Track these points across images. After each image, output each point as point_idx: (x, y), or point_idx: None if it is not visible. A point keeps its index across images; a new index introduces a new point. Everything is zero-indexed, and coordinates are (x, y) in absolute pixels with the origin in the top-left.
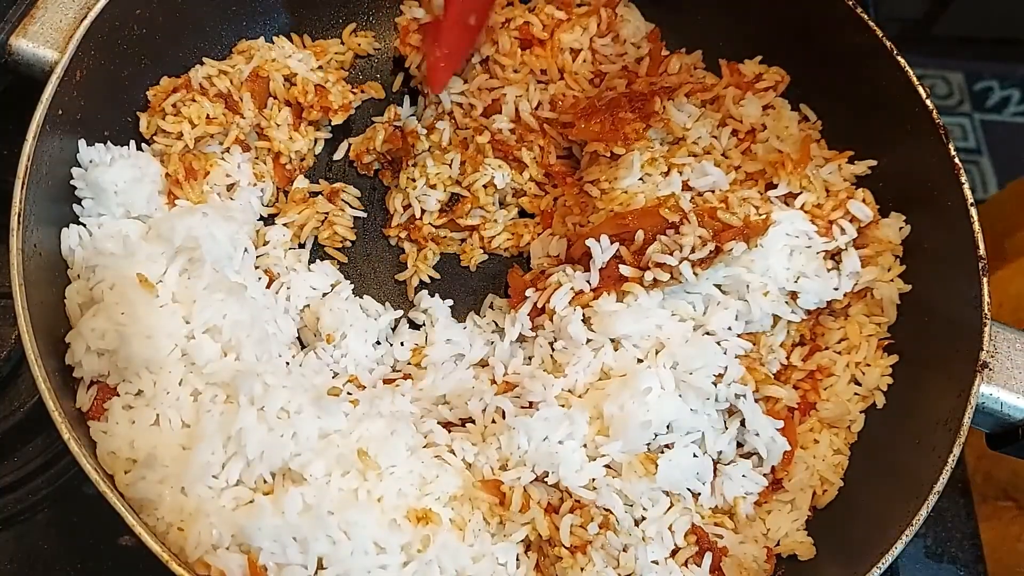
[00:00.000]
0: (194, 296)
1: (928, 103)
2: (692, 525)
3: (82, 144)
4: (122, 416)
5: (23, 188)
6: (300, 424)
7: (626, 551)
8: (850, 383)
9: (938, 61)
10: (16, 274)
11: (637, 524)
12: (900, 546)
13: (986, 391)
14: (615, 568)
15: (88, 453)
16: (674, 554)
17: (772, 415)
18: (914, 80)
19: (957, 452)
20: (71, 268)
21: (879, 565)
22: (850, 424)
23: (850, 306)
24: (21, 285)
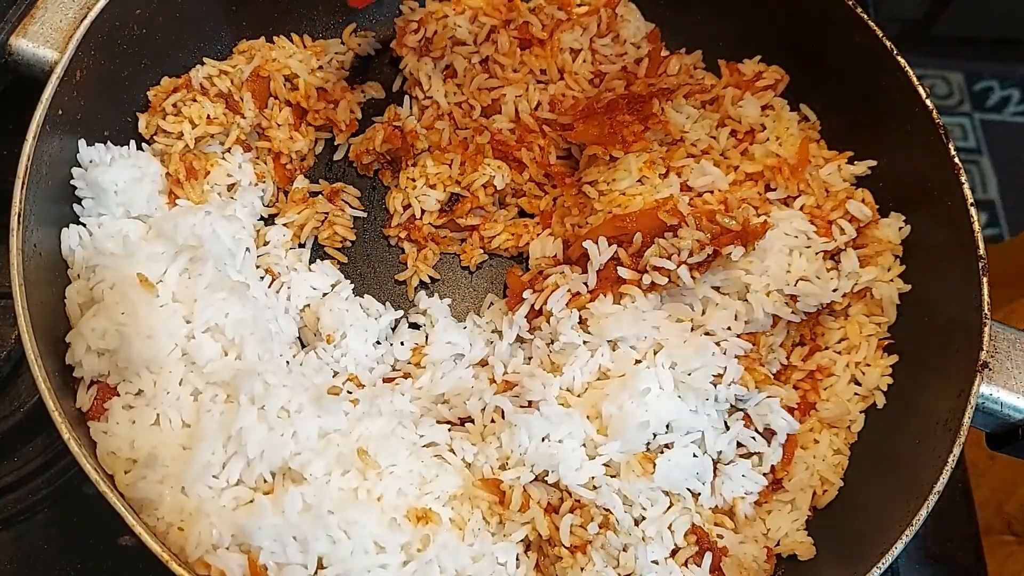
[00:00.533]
0: (195, 295)
1: (928, 103)
2: (692, 525)
3: (82, 144)
4: (122, 416)
5: (23, 188)
6: (300, 423)
7: (626, 551)
8: (850, 383)
9: (938, 61)
10: (16, 274)
11: (637, 524)
12: (900, 546)
13: (986, 391)
14: (615, 568)
15: (88, 453)
16: (674, 554)
17: None
18: (914, 80)
19: (957, 452)
20: (71, 268)
21: (879, 565)
22: (850, 424)
23: (850, 306)
24: (21, 285)
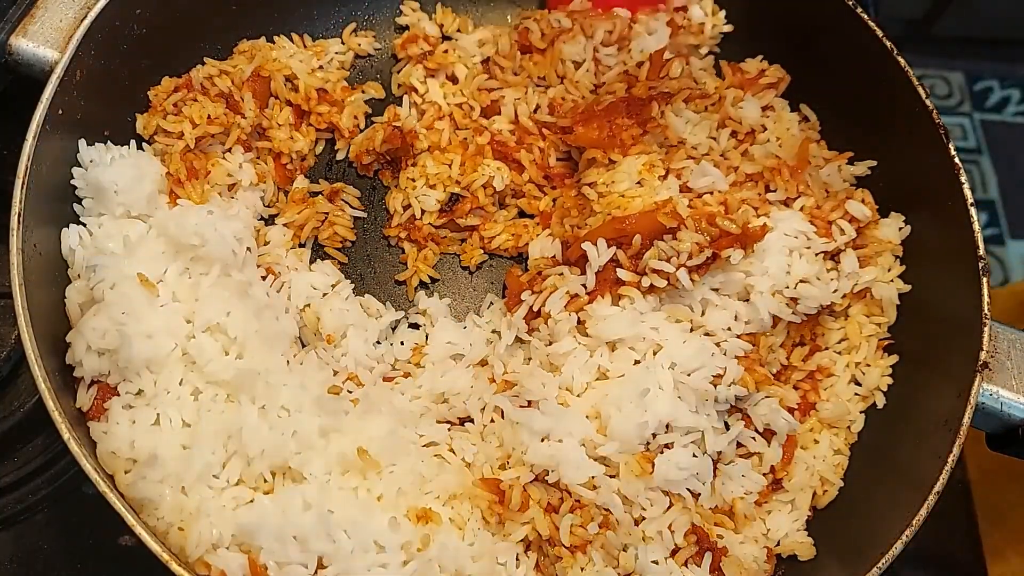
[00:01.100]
0: (196, 295)
1: (928, 103)
2: (692, 525)
3: (82, 144)
4: (122, 416)
5: (23, 188)
6: (300, 423)
7: (626, 550)
8: (850, 383)
9: (938, 61)
10: (16, 274)
11: (637, 524)
12: (900, 546)
13: (986, 391)
14: (615, 568)
15: (88, 453)
16: (674, 554)
17: None
18: (914, 80)
19: (957, 452)
20: (71, 268)
21: (879, 565)
22: (850, 424)
23: (850, 306)
24: (21, 285)
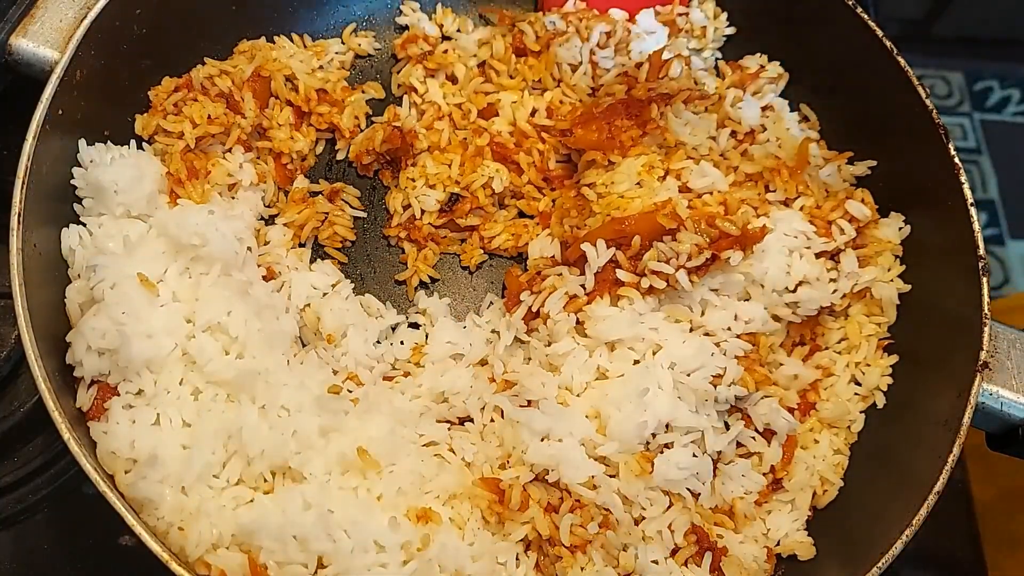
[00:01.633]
0: (196, 295)
1: (928, 103)
2: (692, 525)
3: (82, 144)
4: (122, 416)
5: (23, 188)
6: (300, 422)
7: (626, 550)
8: (850, 383)
9: (938, 61)
10: (16, 274)
11: (637, 523)
12: (900, 546)
13: (986, 391)
14: (615, 567)
15: (88, 453)
16: (674, 553)
17: None
18: (914, 80)
19: (957, 452)
20: (71, 268)
21: (879, 565)
22: (850, 424)
23: (850, 306)
24: (21, 285)
